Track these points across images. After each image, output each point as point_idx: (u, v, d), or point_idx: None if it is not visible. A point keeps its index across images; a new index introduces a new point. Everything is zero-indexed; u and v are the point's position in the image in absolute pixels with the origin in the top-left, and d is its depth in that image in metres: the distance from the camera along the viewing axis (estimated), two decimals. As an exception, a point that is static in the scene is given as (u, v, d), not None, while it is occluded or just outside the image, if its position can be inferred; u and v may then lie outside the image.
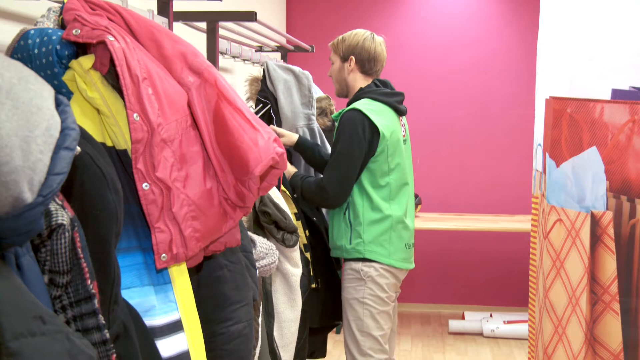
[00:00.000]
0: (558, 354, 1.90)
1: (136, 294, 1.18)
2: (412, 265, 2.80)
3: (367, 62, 2.71)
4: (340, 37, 2.76)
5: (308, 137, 2.88)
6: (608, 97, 1.78)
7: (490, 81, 5.10)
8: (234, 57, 3.29)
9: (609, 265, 1.75)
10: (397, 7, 5.17)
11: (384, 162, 2.62)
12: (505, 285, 5.16)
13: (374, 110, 2.61)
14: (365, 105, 2.62)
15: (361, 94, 2.68)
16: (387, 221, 2.66)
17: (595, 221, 1.77)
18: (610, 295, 1.75)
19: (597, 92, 1.80)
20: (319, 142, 2.92)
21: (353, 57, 2.71)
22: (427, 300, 5.30)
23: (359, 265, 2.65)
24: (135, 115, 1.14)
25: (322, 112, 3.09)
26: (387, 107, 2.66)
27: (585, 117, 1.80)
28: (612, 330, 1.76)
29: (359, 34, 2.73)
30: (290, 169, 2.78)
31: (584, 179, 1.80)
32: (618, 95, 1.76)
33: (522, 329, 4.57)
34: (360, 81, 2.73)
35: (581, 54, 1.86)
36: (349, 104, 2.71)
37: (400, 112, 2.73)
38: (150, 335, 1.17)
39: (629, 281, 1.74)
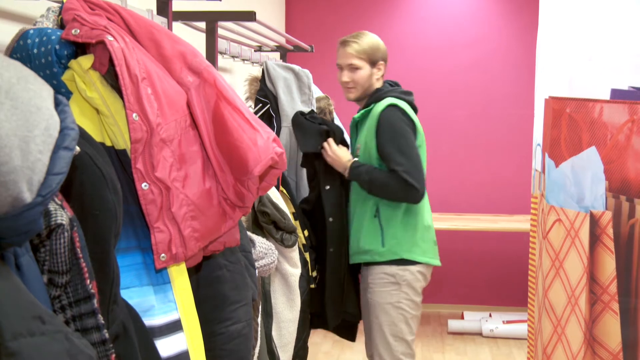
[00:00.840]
0: (557, 354, 1.90)
1: (135, 294, 1.18)
2: (439, 263, 2.78)
3: (386, 65, 2.73)
4: (365, 42, 2.65)
5: None
6: (607, 97, 1.78)
7: (490, 81, 5.10)
8: (233, 57, 3.29)
9: (608, 265, 1.75)
10: (397, 7, 5.17)
11: (423, 157, 2.61)
12: (505, 285, 5.16)
13: (405, 106, 2.61)
14: (396, 102, 2.60)
15: (381, 94, 2.64)
16: (419, 219, 2.64)
17: (594, 221, 1.77)
18: (610, 295, 1.75)
19: (596, 92, 1.80)
20: None
21: (383, 62, 2.69)
22: (427, 300, 5.24)
23: (393, 269, 2.62)
24: (134, 115, 1.14)
25: (321, 112, 3.08)
26: (408, 105, 2.66)
27: (584, 117, 1.80)
28: (611, 330, 1.76)
29: (378, 38, 2.71)
30: (342, 156, 2.61)
31: (583, 178, 1.80)
32: (617, 95, 1.76)
33: (521, 328, 4.56)
34: (378, 84, 2.72)
35: (581, 53, 1.86)
36: (367, 104, 2.67)
37: (415, 111, 2.73)
38: (150, 335, 1.17)
39: (628, 281, 1.74)
